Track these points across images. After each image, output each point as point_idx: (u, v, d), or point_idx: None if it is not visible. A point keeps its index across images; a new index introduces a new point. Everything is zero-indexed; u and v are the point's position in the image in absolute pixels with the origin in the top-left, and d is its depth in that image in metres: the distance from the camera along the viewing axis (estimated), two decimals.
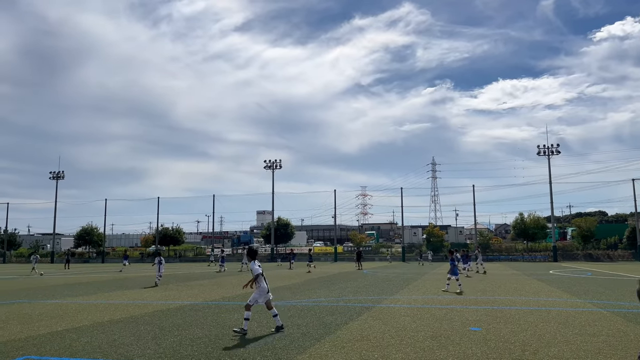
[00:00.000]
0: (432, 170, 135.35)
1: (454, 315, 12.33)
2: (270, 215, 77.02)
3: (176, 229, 79.73)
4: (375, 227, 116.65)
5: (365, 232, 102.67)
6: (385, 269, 40.15)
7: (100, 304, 15.54)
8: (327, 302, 15.71)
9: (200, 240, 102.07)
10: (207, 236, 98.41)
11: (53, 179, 74.69)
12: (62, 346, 8.75)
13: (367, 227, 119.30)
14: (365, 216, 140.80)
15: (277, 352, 8.10)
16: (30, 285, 24.21)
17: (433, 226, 77.82)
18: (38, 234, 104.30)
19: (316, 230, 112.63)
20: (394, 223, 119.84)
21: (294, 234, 78.51)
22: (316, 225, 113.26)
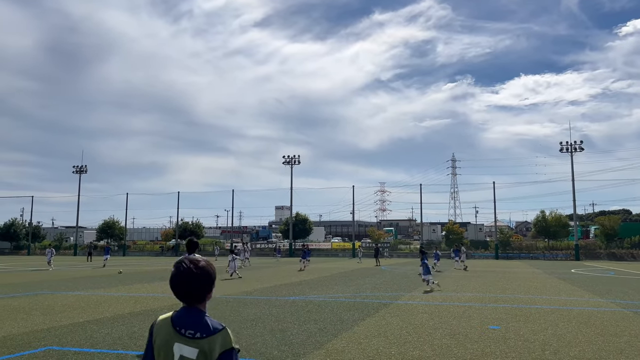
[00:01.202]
0: (452, 166, 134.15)
1: (473, 313, 12.21)
2: (288, 210, 77.27)
3: (196, 223, 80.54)
4: (394, 223, 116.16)
5: (383, 228, 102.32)
6: (403, 265, 39.98)
7: (121, 297, 15.77)
8: (344, 297, 15.70)
9: (220, 235, 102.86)
10: (226, 231, 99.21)
11: (76, 173, 75.99)
12: (83, 337, 8.90)
13: (386, 223, 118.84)
14: (383, 212, 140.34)
15: (294, 347, 8.12)
16: (53, 277, 24.70)
17: (452, 223, 77.15)
18: (62, 226, 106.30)
19: (334, 226, 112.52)
20: (412, 220, 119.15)
21: (312, 230, 78.61)
22: (334, 221, 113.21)
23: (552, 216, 67.77)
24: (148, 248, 78.54)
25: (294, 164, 70.29)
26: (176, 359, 2.25)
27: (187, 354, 2.23)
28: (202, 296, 2.35)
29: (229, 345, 2.25)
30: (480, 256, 64.05)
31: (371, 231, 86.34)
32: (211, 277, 2.37)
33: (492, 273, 30.04)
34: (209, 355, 2.21)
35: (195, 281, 2.32)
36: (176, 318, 2.32)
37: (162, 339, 2.31)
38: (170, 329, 2.30)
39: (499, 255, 62.20)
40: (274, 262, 46.25)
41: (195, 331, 2.25)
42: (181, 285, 2.33)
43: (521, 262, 52.35)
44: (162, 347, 2.30)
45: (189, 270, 2.33)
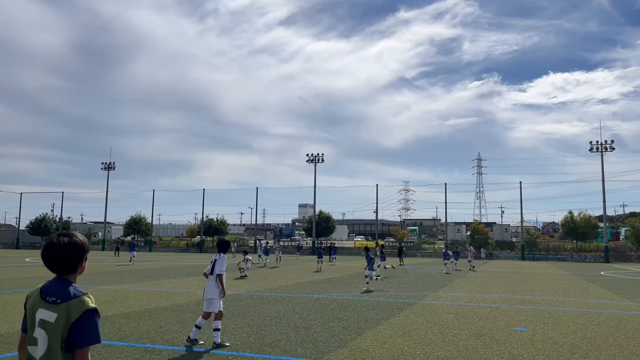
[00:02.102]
0: (477, 166, 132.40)
1: (499, 315, 12.04)
2: (311, 208, 77.41)
3: (220, 220, 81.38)
4: (418, 222, 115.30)
5: (407, 227, 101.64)
6: (427, 265, 39.67)
7: (148, 291, 16.04)
8: (368, 296, 15.65)
9: (244, 232, 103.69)
10: (250, 228, 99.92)
11: (105, 170, 77.58)
12: (112, 330, 9.08)
13: (409, 222, 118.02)
14: (407, 211, 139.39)
15: (318, 345, 8.13)
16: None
17: (478, 223, 76.17)
18: (90, 222, 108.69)
19: (357, 225, 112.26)
20: (437, 219, 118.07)
21: (335, 228, 78.62)
22: (357, 220, 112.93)
23: (581, 217, 66.32)
24: (173, 244, 79.70)
25: (317, 162, 70.37)
26: (37, 322, 2.45)
27: (47, 318, 2.42)
28: (70, 267, 2.54)
29: (86, 307, 2.44)
30: (506, 257, 63.11)
31: (395, 230, 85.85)
32: (79, 249, 2.55)
33: (518, 274, 29.58)
34: (68, 318, 2.40)
35: (64, 252, 2.50)
36: (45, 287, 2.53)
37: (30, 305, 2.52)
38: (38, 296, 2.51)
39: (525, 256, 61.18)
40: (294, 259, 46.34)
41: (57, 298, 2.45)
42: (49, 256, 2.52)
43: (548, 263, 51.39)
44: (29, 313, 2.51)
45: (57, 242, 2.51)
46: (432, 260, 51.47)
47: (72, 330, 2.40)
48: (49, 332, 2.40)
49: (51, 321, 2.40)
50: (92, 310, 2.45)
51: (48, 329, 2.40)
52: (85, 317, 2.42)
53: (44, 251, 2.53)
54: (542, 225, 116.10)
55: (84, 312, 2.42)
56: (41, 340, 2.41)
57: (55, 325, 2.39)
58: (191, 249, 74.08)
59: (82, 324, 2.41)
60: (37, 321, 2.44)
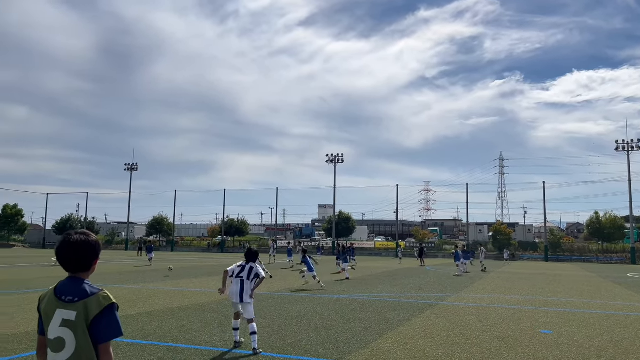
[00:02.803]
0: (499, 165, 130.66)
1: (523, 316, 11.86)
2: (331, 208, 77.40)
3: (241, 220, 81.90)
4: (439, 223, 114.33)
5: (428, 228, 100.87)
6: (448, 266, 39.29)
7: (170, 291, 16.22)
8: (389, 297, 15.58)
9: (264, 232, 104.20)
10: (271, 228, 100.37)
11: (128, 171, 78.79)
12: (135, 329, 9.20)
13: (430, 223, 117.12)
14: (428, 212, 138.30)
15: (339, 346, 8.11)
16: (105, 271, 25.68)
17: (500, 223, 75.19)
18: (114, 222, 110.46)
19: (377, 225, 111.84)
20: (458, 220, 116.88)
21: (355, 229, 78.46)
22: (377, 220, 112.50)
23: (607, 217, 64.99)
24: (195, 244, 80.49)
25: (337, 162, 70.33)
26: (58, 322, 2.48)
27: (67, 317, 2.46)
28: (84, 265, 2.59)
29: (105, 303, 2.50)
30: (529, 258, 62.17)
31: (415, 231, 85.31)
32: (96, 246, 2.61)
33: (542, 275, 29.11)
34: (88, 315, 2.46)
35: (78, 251, 2.56)
36: (59, 287, 2.56)
37: (45, 307, 2.55)
38: (53, 297, 2.54)
39: (549, 258, 60.17)
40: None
41: (74, 296, 2.49)
42: (63, 254, 2.57)
43: (573, 264, 50.47)
44: (45, 315, 2.53)
45: (72, 241, 2.57)
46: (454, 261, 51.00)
47: (93, 326, 2.46)
48: (73, 330, 2.45)
49: (72, 319, 2.45)
50: (112, 305, 2.51)
51: (71, 328, 2.45)
52: (106, 313, 2.48)
53: (59, 249, 2.59)
54: (566, 226, 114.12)
55: (104, 308, 2.48)
56: (68, 340, 2.45)
57: (77, 323, 2.45)
58: (212, 248, 74.73)
59: (103, 319, 2.47)
60: (58, 322, 2.48)
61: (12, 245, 75.97)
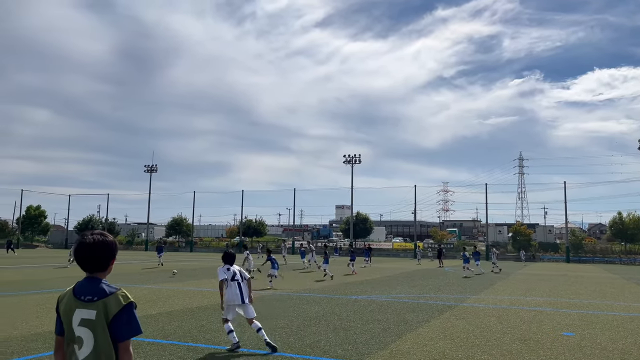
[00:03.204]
0: (519, 165, 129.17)
1: (544, 318, 11.69)
2: (348, 209, 77.27)
3: (259, 221, 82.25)
4: (457, 224, 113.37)
5: (446, 229, 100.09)
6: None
7: (190, 291, 16.37)
8: (407, 298, 15.50)
9: (282, 233, 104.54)
10: (288, 229, 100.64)
11: (147, 172, 79.59)
12: (156, 329, 9.31)
13: (449, 223, 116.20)
14: (446, 212, 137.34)
15: (358, 347, 8.10)
16: (126, 271, 26.02)
17: (520, 224, 74.23)
18: (134, 223, 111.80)
19: (395, 226, 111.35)
20: (477, 220, 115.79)
21: (373, 229, 78.21)
22: (395, 221, 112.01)
23: (630, 218, 63.68)
24: (214, 245, 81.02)
25: (354, 163, 70.16)
26: (77, 322, 2.52)
27: (87, 316, 2.51)
28: (102, 265, 2.64)
29: (124, 302, 2.55)
30: (550, 259, 61.27)
31: (434, 231, 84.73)
32: (109, 248, 2.65)
33: (564, 277, 28.68)
34: (107, 314, 2.50)
35: (97, 250, 2.61)
36: (77, 287, 2.61)
37: (64, 308, 2.59)
38: (72, 297, 2.58)
39: (570, 259, 59.22)
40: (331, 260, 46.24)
41: (93, 296, 2.54)
42: (81, 255, 2.62)
43: (595, 266, 49.58)
44: (65, 314, 2.57)
45: (90, 241, 2.62)
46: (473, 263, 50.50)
47: (113, 325, 2.50)
48: (93, 330, 2.49)
49: (92, 319, 2.50)
50: (130, 304, 2.56)
51: (91, 327, 2.49)
52: (125, 311, 2.53)
53: (77, 249, 2.63)
54: (588, 226, 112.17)
55: (122, 307, 2.53)
56: (86, 339, 2.50)
57: (97, 322, 2.49)
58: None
59: (122, 317, 2.52)
60: (77, 321, 2.52)
61: (35, 245, 77.44)
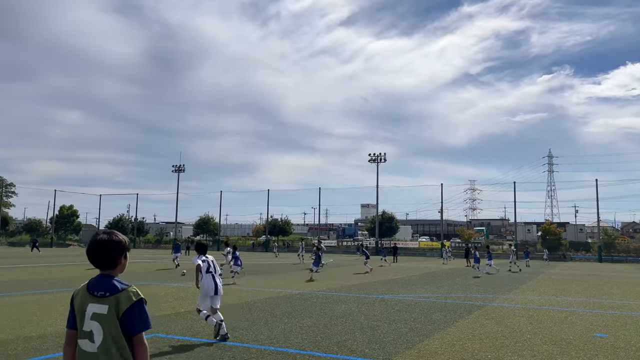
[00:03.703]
0: (548, 163, 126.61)
1: (576, 319, 11.44)
2: (374, 208, 76.98)
3: (285, 220, 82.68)
4: (485, 222, 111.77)
5: (474, 227, 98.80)
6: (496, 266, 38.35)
7: None
8: (434, 298, 15.36)
9: (307, 232, 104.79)
10: (313, 228, 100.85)
11: (175, 172, 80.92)
12: (184, 326, 9.46)
13: (476, 222, 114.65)
14: (474, 211, 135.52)
15: (384, 346, 8.07)
16: (156, 269, 26.47)
17: (549, 223, 72.73)
18: (162, 222, 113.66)
19: (421, 225, 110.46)
20: (505, 219, 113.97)
21: (398, 228, 77.75)
22: (421, 220, 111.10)
23: None
24: (240, 243, 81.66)
25: (379, 161, 69.87)
26: (89, 316, 2.64)
27: (99, 311, 2.62)
28: (112, 262, 2.76)
29: (135, 298, 2.67)
30: (581, 258, 59.88)
31: (461, 230, 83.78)
32: (120, 245, 2.78)
33: (596, 277, 27.99)
34: (118, 309, 2.62)
35: (104, 248, 2.73)
36: (91, 283, 2.73)
37: (78, 302, 2.71)
38: (85, 292, 2.70)
39: (603, 258, 57.76)
40: (354, 259, 46.19)
41: (105, 291, 2.66)
42: (91, 253, 2.74)
43: (629, 265, 48.26)
44: (79, 309, 2.69)
45: (98, 240, 2.75)
46: (502, 262, 49.73)
47: (124, 319, 2.63)
48: (103, 324, 2.61)
49: (104, 313, 2.62)
50: (141, 300, 2.69)
51: (102, 321, 2.61)
52: (136, 307, 2.66)
53: (88, 249, 2.77)
54: (621, 225, 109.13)
55: (133, 303, 2.65)
56: (97, 332, 2.61)
57: (108, 316, 2.61)
58: (257, 248, 75.77)
59: (133, 312, 2.64)
60: (89, 315, 2.64)
61: (68, 244, 79.44)
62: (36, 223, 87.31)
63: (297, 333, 9.02)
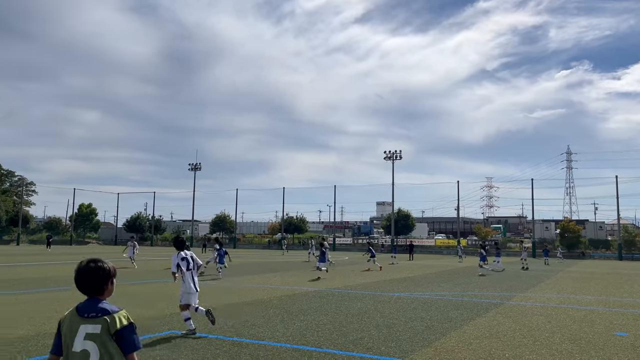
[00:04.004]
0: (567, 160, 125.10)
1: (595, 318, 11.27)
2: (389, 206, 76.67)
3: (300, 218, 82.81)
4: (502, 220, 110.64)
5: (490, 225, 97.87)
6: (513, 264, 37.97)
7: (232, 287, 16.65)
8: (451, 296, 15.26)
9: (322, 230, 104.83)
10: (329, 226, 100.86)
11: (191, 170, 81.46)
12: (201, 324, 9.51)
13: (493, 220, 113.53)
14: (490, 209, 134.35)
15: (401, 344, 8.04)
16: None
17: (568, 220, 71.72)
18: (179, 220, 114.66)
19: (438, 223, 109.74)
20: (522, 216, 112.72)
21: (414, 226, 77.35)
22: (438, 218, 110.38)
23: None
24: (256, 241, 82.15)
25: (395, 159, 69.54)
26: (82, 336, 2.70)
27: (92, 330, 2.71)
28: (99, 289, 2.84)
29: (127, 321, 2.77)
30: (601, 256, 58.98)
31: (477, 228, 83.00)
32: (106, 272, 2.87)
33: (616, 275, 27.54)
34: (110, 330, 2.71)
35: (91, 276, 2.83)
36: (80, 307, 2.80)
37: (67, 326, 2.77)
38: (75, 315, 2.77)
39: (623, 256, 56.81)
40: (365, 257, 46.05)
41: (97, 313, 2.75)
42: (78, 280, 2.84)
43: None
44: (67, 332, 2.75)
45: (85, 268, 2.85)
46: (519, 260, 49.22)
47: (116, 339, 2.73)
48: (98, 343, 2.70)
49: (97, 332, 2.71)
50: (131, 325, 2.79)
51: (96, 340, 2.70)
52: (127, 328, 2.76)
53: (75, 276, 2.86)
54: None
55: (124, 325, 2.75)
56: (92, 351, 2.69)
57: (102, 335, 2.70)
58: (273, 245, 76.04)
59: (124, 333, 2.74)
60: (82, 336, 2.71)
61: (87, 242, 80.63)
62: (56, 221, 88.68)
63: (313, 330, 9.03)
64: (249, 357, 7.00)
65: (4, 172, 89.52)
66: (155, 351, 7.22)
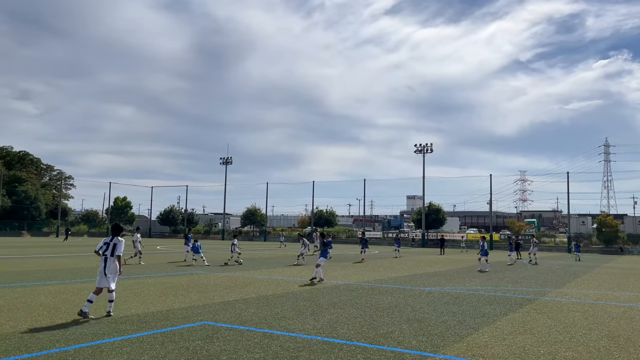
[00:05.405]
0: (604, 152, 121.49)
1: (635, 315, 10.92)
2: (420, 200, 76.00)
3: (330, 211, 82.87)
4: (536, 214, 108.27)
5: (524, 219, 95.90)
6: (548, 259, 37.16)
7: (264, 279, 16.81)
8: (484, 291, 15.03)
9: (352, 223, 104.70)
10: (358, 219, 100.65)
11: (223, 164, 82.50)
12: (233, 315, 9.65)
13: (527, 214, 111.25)
14: (524, 203, 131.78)
15: (432, 338, 7.96)
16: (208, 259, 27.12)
17: (605, 215, 69.59)
18: (211, 213, 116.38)
19: (469, 217, 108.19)
20: (557, 211, 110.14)
21: (445, 220, 76.45)
22: (469, 212, 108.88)
23: None
24: (286, 234, 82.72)
25: (426, 152, 68.77)
26: None
27: None
28: None
29: None
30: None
31: (510, 222, 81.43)
32: None
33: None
34: None
35: None
36: None
37: None
38: None
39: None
40: (393, 250, 45.71)
41: None
42: None
43: None
44: None
45: None
46: (553, 255, 48.11)
47: None
48: None
49: None
50: None
51: None
52: None
53: None
54: None
55: None
56: None
57: None
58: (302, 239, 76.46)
59: None
60: None
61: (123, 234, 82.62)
62: (93, 214, 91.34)
63: (343, 323, 9.03)
64: (279, 348, 7.06)
65: (44, 166, 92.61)
66: (189, 342, 7.35)
